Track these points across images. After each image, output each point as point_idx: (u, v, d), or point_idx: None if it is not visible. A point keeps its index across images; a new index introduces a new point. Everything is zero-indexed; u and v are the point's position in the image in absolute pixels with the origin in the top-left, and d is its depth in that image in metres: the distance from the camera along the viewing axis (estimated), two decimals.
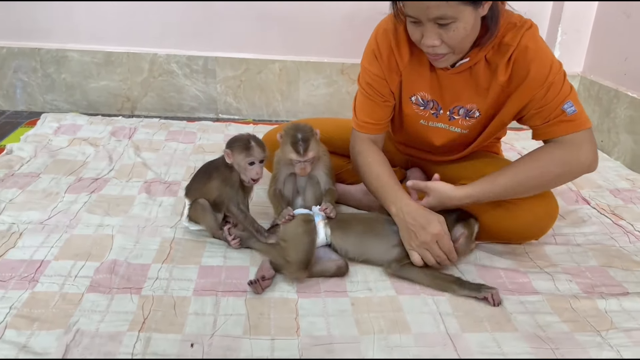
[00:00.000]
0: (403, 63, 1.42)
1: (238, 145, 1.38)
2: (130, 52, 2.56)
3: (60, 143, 2.10)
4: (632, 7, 2.28)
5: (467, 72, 1.38)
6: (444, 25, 1.20)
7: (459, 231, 1.35)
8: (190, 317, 1.15)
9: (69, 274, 1.27)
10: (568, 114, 1.31)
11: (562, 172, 1.33)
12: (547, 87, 1.31)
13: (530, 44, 1.30)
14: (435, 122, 1.49)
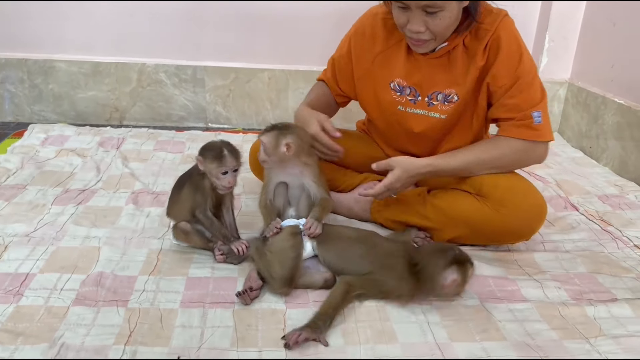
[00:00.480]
0: (377, 50, 1.52)
1: (210, 153, 1.35)
2: (119, 62, 2.55)
3: (48, 154, 2.09)
4: (618, 15, 2.30)
5: (445, 57, 1.44)
6: (431, 13, 1.27)
7: (450, 276, 1.21)
8: (177, 329, 1.14)
9: (55, 287, 1.26)
10: (534, 123, 1.39)
11: (516, 161, 1.47)
12: (514, 79, 1.38)
13: (503, 33, 1.38)
14: (413, 109, 1.52)
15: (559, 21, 2.56)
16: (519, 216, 1.44)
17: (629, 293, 1.35)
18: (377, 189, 1.44)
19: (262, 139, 1.37)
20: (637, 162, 2.12)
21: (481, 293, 1.32)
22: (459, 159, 1.44)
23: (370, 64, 1.54)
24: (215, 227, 1.38)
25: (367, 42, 1.53)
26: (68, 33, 2.51)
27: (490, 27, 1.38)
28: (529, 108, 1.39)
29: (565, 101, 2.67)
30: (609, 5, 2.35)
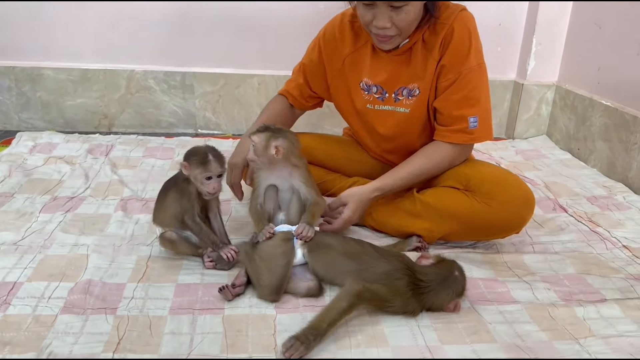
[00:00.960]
0: (346, 51, 1.55)
1: (195, 159, 1.34)
2: (107, 69, 2.54)
3: (36, 162, 2.07)
4: (604, 18, 2.32)
5: (407, 53, 1.48)
6: (397, 8, 1.30)
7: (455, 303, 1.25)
8: (166, 336, 1.13)
9: (43, 295, 1.24)
10: (469, 127, 1.46)
11: (451, 163, 1.54)
12: (458, 74, 1.43)
13: (457, 26, 1.42)
14: (381, 105, 1.56)
15: (545, 25, 2.58)
16: (509, 208, 1.45)
17: (618, 293, 1.36)
18: (337, 225, 1.51)
19: (253, 138, 1.36)
20: (624, 163, 2.14)
21: (471, 295, 1.32)
22: (404, 174, 1.52)
23: (341, 66, 1.58)
24: (204, 233, 1.38)
25: (337, 44, 1.57)
26: (56, 40, 2.50)
27: (446, 21, 1.42)
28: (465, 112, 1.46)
29: (553, 104, 2.68)
30: (595, 8, 2.38)
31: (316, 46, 1.64)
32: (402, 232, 1.56)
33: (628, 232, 1.71)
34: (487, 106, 1.50)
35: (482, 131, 1.49)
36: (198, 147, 1.39)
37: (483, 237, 1.55)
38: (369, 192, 1.51)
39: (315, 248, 1.34)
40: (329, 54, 1.59)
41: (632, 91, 2.15)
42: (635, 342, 1.17)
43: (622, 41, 2.21)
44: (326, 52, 1.60)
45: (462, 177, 1.49)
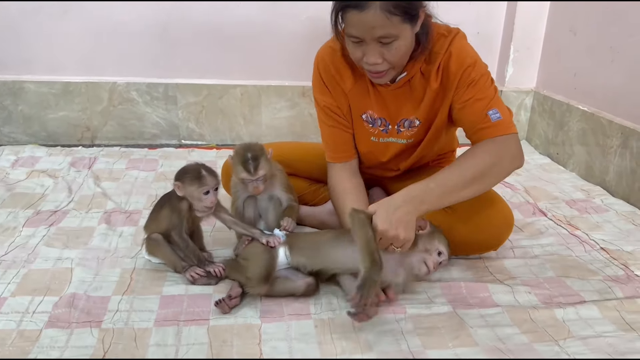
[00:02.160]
0: (347, 87, 1.49)
1: (189, 176, 1.35)
2: (89, 81, 2.54)
3: (18, 176, 2.07)
4: (578, 26, 2.37)
5: (406, 86, 1.45)
6: (386, 44, 1.27)
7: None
8: (151, 348, 1.14)
9: (27, 310, 1.24)
10: (492, 120, 1.36)
11: (495, 162, 1.34)
12: (468, 83, 1.38)
13: (454, 49, 1.38)
14: (385, 138, 1.54)
15: (522, 32, 2.63)
16: (487, 228, 1.47)
17: (596, 295, 1.39)
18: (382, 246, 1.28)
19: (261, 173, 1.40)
20: (602, 167, 2.18)
21: (453, 300, 1.35)
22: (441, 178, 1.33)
23: (346, 99, 1.52)
24: (190, 249, 1.39)
25: (337, 80, 1.51)
26: (37, 53, 2.49)
27: (441, 49, 1.39)
28: (484, 109, 1.37)
29: (532, 109, 2.73)
30: (570, 15, 2.43)
31: (321, 85, 1.54)
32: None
33: (606, 234, 1.74)
34: (503, 105, 1.41)
35: (507, 121, 1.37)
36: (188, 165, 1.40)
37: (460, 253, 1.55)
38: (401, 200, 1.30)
39: (295, 244, 1.38)
40: (332, 89, 1.52)
41: (608, 96, 2.20)
42: (613, 342, 1.20)
43: (596, 47, 2.26)
44: (330, 87, 1.52)
45: None
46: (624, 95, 2.11)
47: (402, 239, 1.25)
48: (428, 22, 1.36)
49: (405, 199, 1.29)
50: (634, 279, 1.47)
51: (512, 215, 1.49)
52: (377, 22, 1.21)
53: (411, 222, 1.27)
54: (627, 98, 2.09)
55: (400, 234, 1.24)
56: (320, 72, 1.51)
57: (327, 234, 1.42)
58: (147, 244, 1.43)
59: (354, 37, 1.27)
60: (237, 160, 1.40)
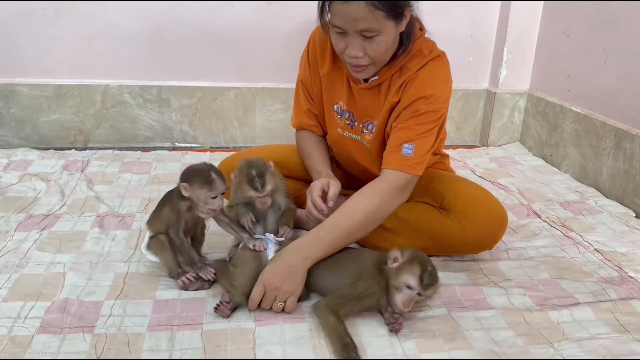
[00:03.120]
0: (323, 72, 1.53)
1: (198, 179, 1.31)
2: (82, 84, 2.52)
3: (10, 179, 2.05)
4: (571, 28, 2.38)
5: (375, 89, 1.46)
6: (369, 38, 1.28)
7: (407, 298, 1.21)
8: (144, 353, 1.13)
9: (19, 315, 1.23)
10: (401, 152, 1.37)
11: (382, 204, 1.37)
12: (413, 111, 1.37)
13: (422, 73, 1.38)
14: (350, 133, 1.57)
15: (516, 35, 2.63)
16: (481, 228, 1.47)
17: (591, 296, 1.39)
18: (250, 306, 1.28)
19: (268, 189, 1.40)
20: (595, 168, 2.19)
21: (448, 303, 1.34)
22: (337, 236, 1.33)
23: (319, 83, 1.57)
24: (185, 249, 1.37)
25: (317, 61, 1.56)
26: (29, 56, 2.47)
27: (413, 67, 1.39)
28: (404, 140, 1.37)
29: (525, 111, 2.74)
30: (563, 17, 2.44)
31: (305, 62, 1.60)
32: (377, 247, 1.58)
33: (599, 235, 1.75)
34: (428, 149, 1.39)
35: (416, 161, 1.37)
36: (196, 166, 1.36)
37: (456, 253, 1.56)
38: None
39: None
40: (313, 72, 1.57)
41: (601, 98, 2.21)
42: (608, 344, 1.20)
43: (589, 50, 2.26)
44: (313, 69, 1.57)
45: (437, 195, 1.50)
46: (617, 97, 2.12)
47: (284, 291, 1.25)
48: (413, 27, 1.37)
49: (293, 250, 1.30)
50: (628, 281, 1.47)
51: (506, 213, 1.49)
52: (360, 15, 1.23)
53: (296, 274, 1.27)
54: (620, 100, 2.10)
55: (283, 285, 1.24)
56: (308, 48, 1.58)
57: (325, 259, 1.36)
58: (151, 242, 1.40)
59: (337, 28, 1.29)
60: (243, 179, 1.39)
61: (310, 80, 1.59)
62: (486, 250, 1.56)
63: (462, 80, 2.78)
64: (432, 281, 1.20)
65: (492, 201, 1.49)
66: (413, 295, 1.19)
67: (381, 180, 1.39)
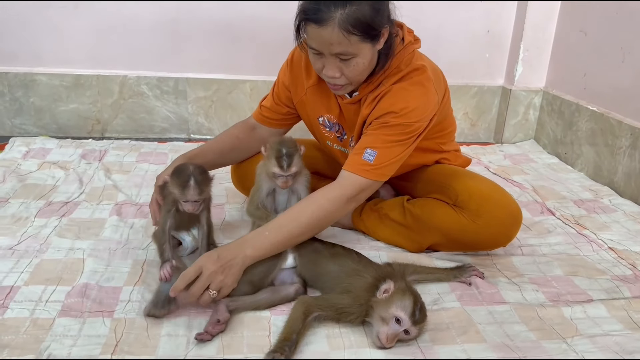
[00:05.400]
0: (309, 83, 1.51)
1: (176, 180, 1.33)
2: (100, 74, 2.55)
3: (30, 167, 2.08)
4: (589, 26, 2.37)
5: (357, 105, 1.45)
6: (345, 60, 1.27)
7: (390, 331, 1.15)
8: (163, 338, 1.15)
9: (40, 299, 1.26)
10: (361, 156, 1.36)
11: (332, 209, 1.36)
12: (382, 122, 1.36)
13: (396, 87, 1.36)
14: (338, 145, 1.57)
15: (532, 32, 2.62)
16: (495, 226, 1.47)
17: (604, 294, 1.40)
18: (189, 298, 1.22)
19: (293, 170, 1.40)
20: (610, 167, 2.18)
21: (461, 296, 1.35)
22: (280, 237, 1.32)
23: (304, 95, 1.55)
24: (161, 242, 1.37)
25: (303, 71, 1.53)
26: (49, 46, 2.51)
27: (387, 82, 1.38)
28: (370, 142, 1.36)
29: (541, 109, 2.73)
30: (580, 15, 2.43)
31: (285, 70, 1.58)
32: (390, 242, 1.59)
33: (614, 234, 1.75)
34: (392, 158, 1.37)
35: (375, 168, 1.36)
36: (184, 165, 1.37)
37: (469, 250, 1.57)
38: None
39: (304, 251, 1.38)
40: (294, 80, 1.56)
41: (617, 97, 2.20)
42: (621, 341, 1.21)
43: (607, 48, 2.26)
44: (292, 77, 1.56)
45: (450, 192, 1.49)
46: (634, 96, 2.11)
47: (219, 280, 1.21)
48: (392, 42, 1.34)
49: (236, 243, 1.29)
50: None
51: (520, 211, 1.49)
52: (335, 40, 1.22)
53: (235, 267, 1.24)
54: (637, 98, 2.09)
55: (218, 274, 1.21)
56: (292, 58, 1.56)
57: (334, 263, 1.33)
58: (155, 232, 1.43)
59: (313, 49, 1.29)
60: (272, 155, 1.40)
61: (291, 87, 1.57)
62: (500, 247, 1.57)
63: (477, 76, 2.78)
64: (422, 318, 1.15)
65: (506, 199, 1.49)
66: (399, 332, 1.13)
67: (334, 185, 1.38)
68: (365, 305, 1.19)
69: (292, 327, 1.14)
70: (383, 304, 1.15)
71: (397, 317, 1.13)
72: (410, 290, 1.17)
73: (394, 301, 1.14)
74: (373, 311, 1.16)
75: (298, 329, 1.14)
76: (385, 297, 1.16)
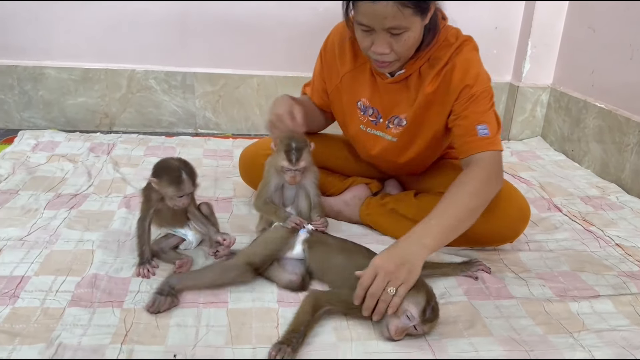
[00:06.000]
0: (344, 70, 1.53)
1: (167, 177, 1.34)
2: (108, 68, 2.57)
3: (39, 160, 2.10)
4: (598, 22, 2.37)
5: (403, 83, 1.46)
6: (396, 35, 1.28)
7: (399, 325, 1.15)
8: (172, 329, 1.16)
9: (50, 289, 1.27)
10: (479, 135, 1.37)
11: (490, 180, 1.35)
12: (468, 98, 1.38)
13: (458, 61, 1.38)
14: (373, 129, 1.56)
15: (540, 28, 2.62)
16: (504, 220, 1.47)
17: (611, 290, 1.40)
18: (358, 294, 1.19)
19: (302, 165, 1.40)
20: (617, 164, 2.18)
21: (468, 291, 1.36)
22: (448, 224, 1.29)
23: (339, 82, 1.57)
24: (140, 241, 1.38)
25: (337, 60, 1.55)
26: (57, 40, 2.52)
27: (443, 56, 1.39)
28: (474, 123, 1.37)
29: (548, 106, 2.73)
30: (589, 12, 2.42)
31: (319, 60, 1.63)
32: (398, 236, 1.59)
33: (621, 231, 1.75)
34: (494, 120, 1.40)
35: (495, 138, 1.37)
36: (167, 161, 1.38)
37: (476, 245, 1.57)
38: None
39: (315, 245, 1.39)
40: (328, 69, 1.58)
41: (626, 93, 2.20)
42: (627, 336, 1.21)
43: (615, 45, 2.25)
44: (326, 66, 1.59)
45: None
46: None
47: (397, 277, 1.15)
48: (437, 18, 1.37)
49: (407, 239, 1.24)
50: None
51: (529, 207, 1.50)
52: (389, 13, 1.22)
53: (412, 263, 1.18)
54: None
55: (397, 271, 1.15)
56: (326, 46, 1.59)
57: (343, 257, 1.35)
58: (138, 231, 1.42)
59: (363, 26, 1.29)
60: (281, 148, 1.40)
61: (325, 77, 1.60)
62: (507, 242, 1.57)
63: None
64: (434, 317, 1.15)
65: (515, 194, 1.49)
66: (409, 326, 1.14)
67: (474, 169, 1.35)
68: None
69: (300, 319, 1.15)
70: None
71: (409, 312, 1.13)
72: (425, 288, 1.17)
73: (407, 296, 1.14)
74: None
75: (307, 321, 1.15)
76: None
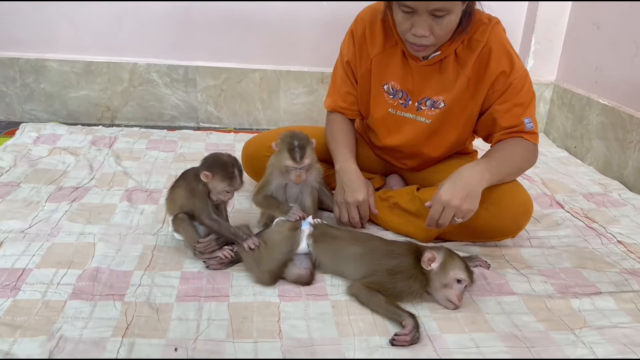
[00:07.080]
0: (374, 52, 1.53)
1: (221, 173, 1.35)
2: (111, 61, 2.56)
3: (40, 152, 2.10)
4: (602, 19, 2.36)
5: (437, 65, 1.46)
6: (438, 17, 1.28)
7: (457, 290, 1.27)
8: (173, 322, 1.16)
9: (51, 281, 1.27)
10: (526, 129, 1.47)
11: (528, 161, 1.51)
12: (507, 86, 1.42)
13: (494, 44, 1.41)
14: (403, 112, 1.56)
15: (544, 24, 2.61)
16: (507, 214, 1.47)
17: (613, 287, 1.40)
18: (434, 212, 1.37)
19: (306, 162, 1.41)
20: (620, 161, 2.17)
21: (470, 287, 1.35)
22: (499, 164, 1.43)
23: (369, 65, 1.56)
24: (224, 228, 1.38)
25: (366, 43, 1.54)
26: (60, 32, 2.52)
27: (481, 37, 1.41)
28: (520, 116, 1.45)
29: (551, 102, 2.72)
30: (593, 9, 2.41)
31: (350, 43, 1.59)
32: (401, 231, 1.59)
33: (623, 228, 1.74)
34: (534, 111, 1.50)
35: (536, 130, 1.49)
36: (220, 156, 1.39)
37: (479, 239, 1.57)
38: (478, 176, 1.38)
39: (321, 238, 1.38)
40: (359, 49, 1.57)
41: (629, 90, 2.19)
42: (629, 333, 1.21)
43: (619, 41, 2.24)
44: (358, 47, 1.57)
45: None
46: None
47: (463, 210, 1.33)
48: (473, 3, 1.38)
49: (468, 172, 1.37)
50: None
51: (532, 202, 1.50)
52: None
53: (474, 193, 1.34)
54: None
55: (462, 204, 1.32)
56: (354, 29, 1.57)
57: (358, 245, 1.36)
58: (174, 222, 1.43)
59: (406, 7, 1.28)
60: (284, 148, 1.40)
61: (356, 61, 1.58)
62: (509, 237, 1.57)
63: None
64: (472, 272, 1.28)
65: (518, 188, 1.50)
66: (462, 288, 1.26)
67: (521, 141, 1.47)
68: (420, 279, 1.26)
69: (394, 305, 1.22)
70: (440, 273, 1.25)
71: (458, 278, 1.24)
72: (455, 254, 1.28)
73: (449, 267, 1.25)
74: (431, 282, 1.26)
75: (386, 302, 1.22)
76: (436, 267, 1.25)
